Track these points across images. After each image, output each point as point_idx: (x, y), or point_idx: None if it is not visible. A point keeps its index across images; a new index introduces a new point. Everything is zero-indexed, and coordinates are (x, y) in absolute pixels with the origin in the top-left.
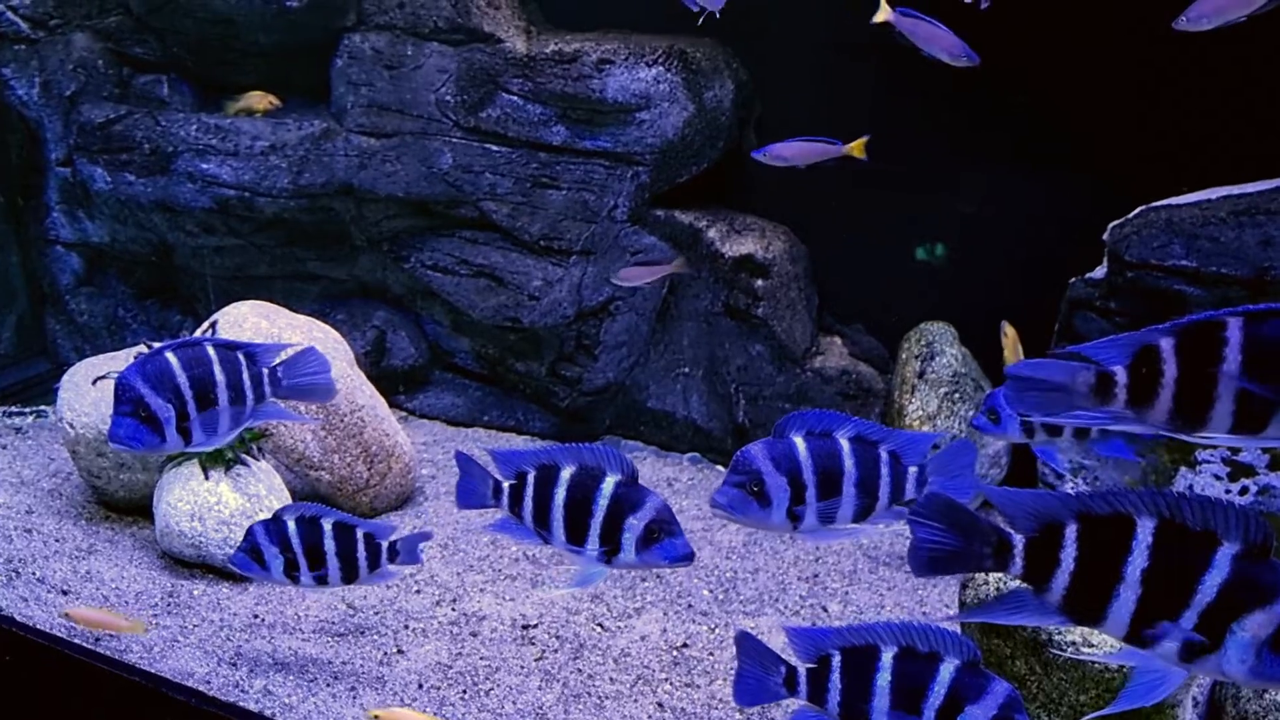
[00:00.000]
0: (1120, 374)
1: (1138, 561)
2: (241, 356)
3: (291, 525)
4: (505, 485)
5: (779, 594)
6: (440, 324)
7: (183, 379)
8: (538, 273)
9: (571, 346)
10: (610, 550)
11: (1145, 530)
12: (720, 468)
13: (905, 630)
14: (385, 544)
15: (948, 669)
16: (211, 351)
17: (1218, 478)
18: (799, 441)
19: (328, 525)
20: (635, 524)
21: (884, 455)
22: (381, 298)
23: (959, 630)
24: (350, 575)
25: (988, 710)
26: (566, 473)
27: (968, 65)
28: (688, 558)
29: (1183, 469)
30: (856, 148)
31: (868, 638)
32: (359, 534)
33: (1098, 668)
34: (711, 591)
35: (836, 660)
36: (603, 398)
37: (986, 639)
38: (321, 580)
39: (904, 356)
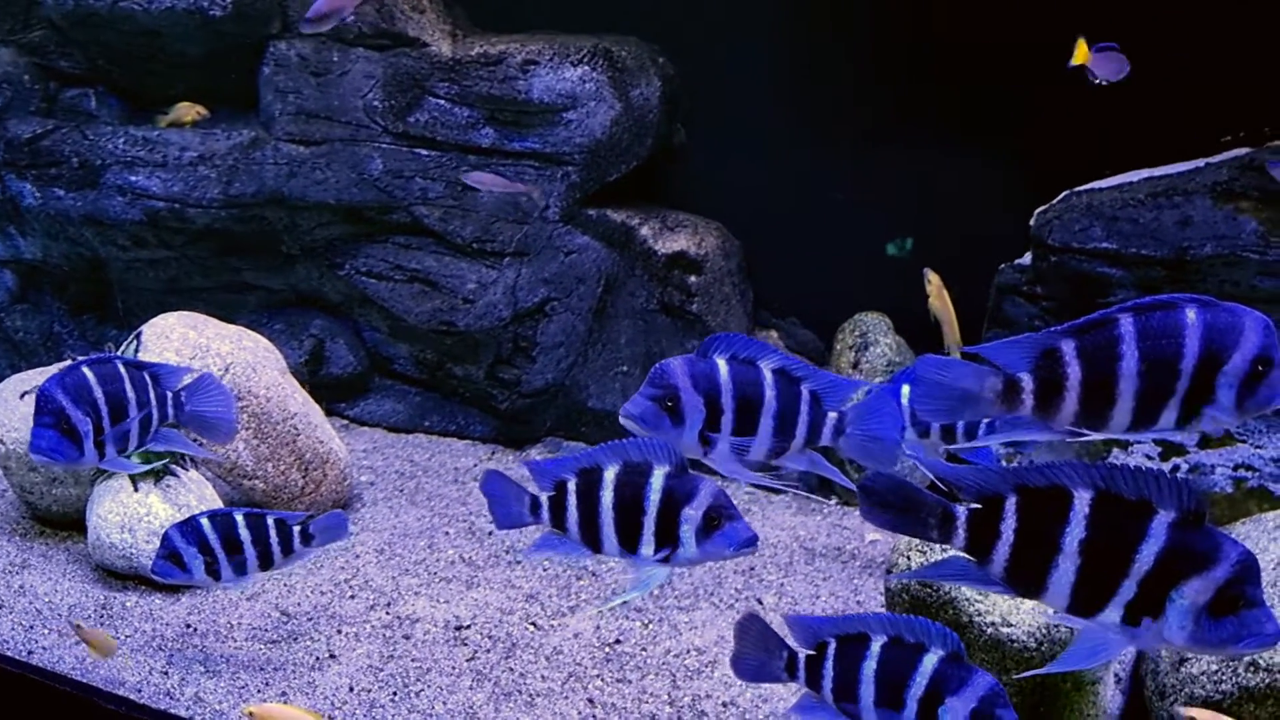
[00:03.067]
0: (1026, 380)
1: (1075, 533)
2: (148, 377)
3: (206, 523)
4: (544, 498)
5: (715, 588)
6: (378, 331)
7: (99, 394)
8: (472, 276)
9: (509, 349)
10: (669, 548)
11: (1082, 502)
12: None
13: (895, 620)
14: (296, 528)
15: (930, 660)
16: (122, 369)
17: (1149, 458)
18: (721, 363)
19: (240, 517)
20: (693, 514)
21: (805, 394)
22: (318, 306)
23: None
24: (266, 562)
25: (968, 702)
26: (610, 473)
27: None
28: (752, 541)
29: (1115, 450)
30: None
31: (860, 627)
32: (270, 521)
33: (1017, 647)
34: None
35: (832, 648)
36: (542, 399)
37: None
38: (241, 569)
39: (839, 348)
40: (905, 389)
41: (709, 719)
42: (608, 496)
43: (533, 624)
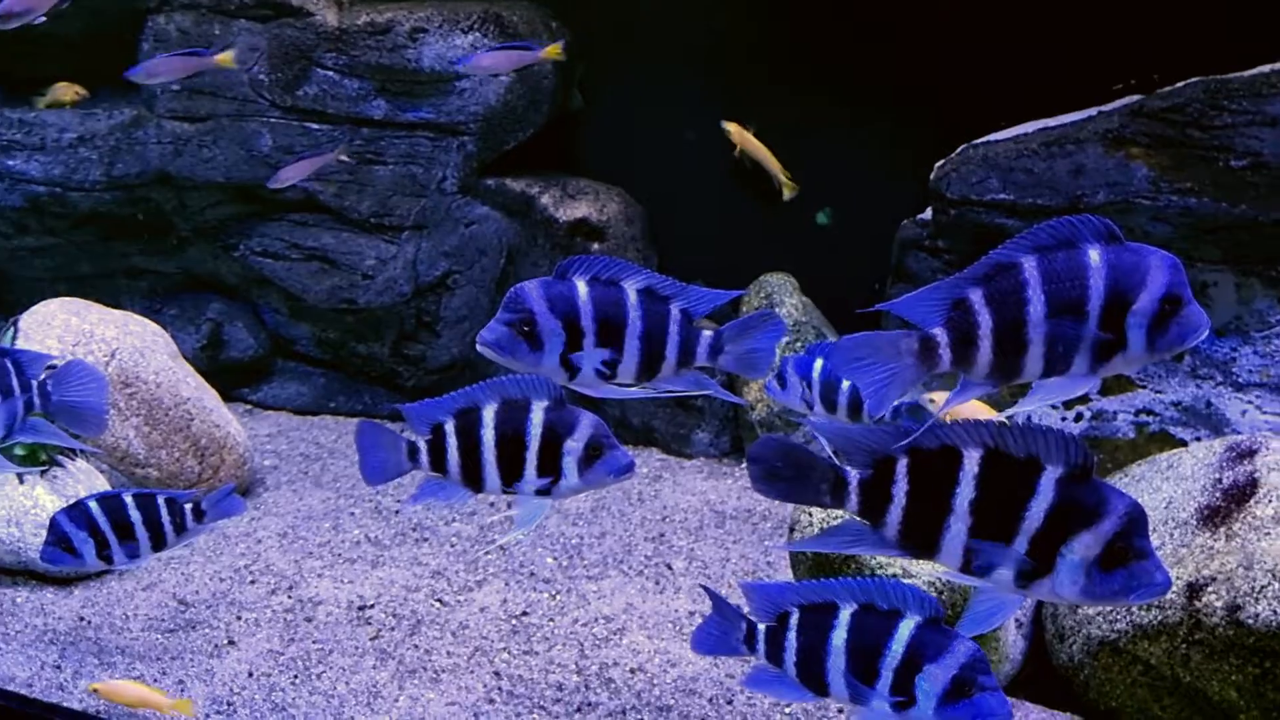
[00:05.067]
0: (941, 335)
1: (965, 492)
2: (9, 364)
3: (94, 506)
4: (422, 443)
5: (624, 555)
6: (278, 312)
7: None
8: (370, 251)
9: (412, 324)
10: (551, 480)
11: (971, 461)
12: None
13: (865, 587)
14: (188, 506)
15: (907, 626)
16: None
17: (1054, 407)
18: (580, 285)
19: (129, 498)
20: (575, 446)
21: (675, 313)
22: (214, 289)
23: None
24: (159, 542)
25: (947, 670)
26: (489, 411)
27: None
28: (631, 467)
29: (1020, 400)
30: (552, 51)
31: (827, 595)
32: (160, 500)
33: None
34: (556, 559)
35: (795, 618)
36: (450, 374)
37: (818, 579)
38: (134, 555)
39: (745, 309)
40: (818, 363)
41: (616, 686)
42: (488, 435)
43: (439, 600)
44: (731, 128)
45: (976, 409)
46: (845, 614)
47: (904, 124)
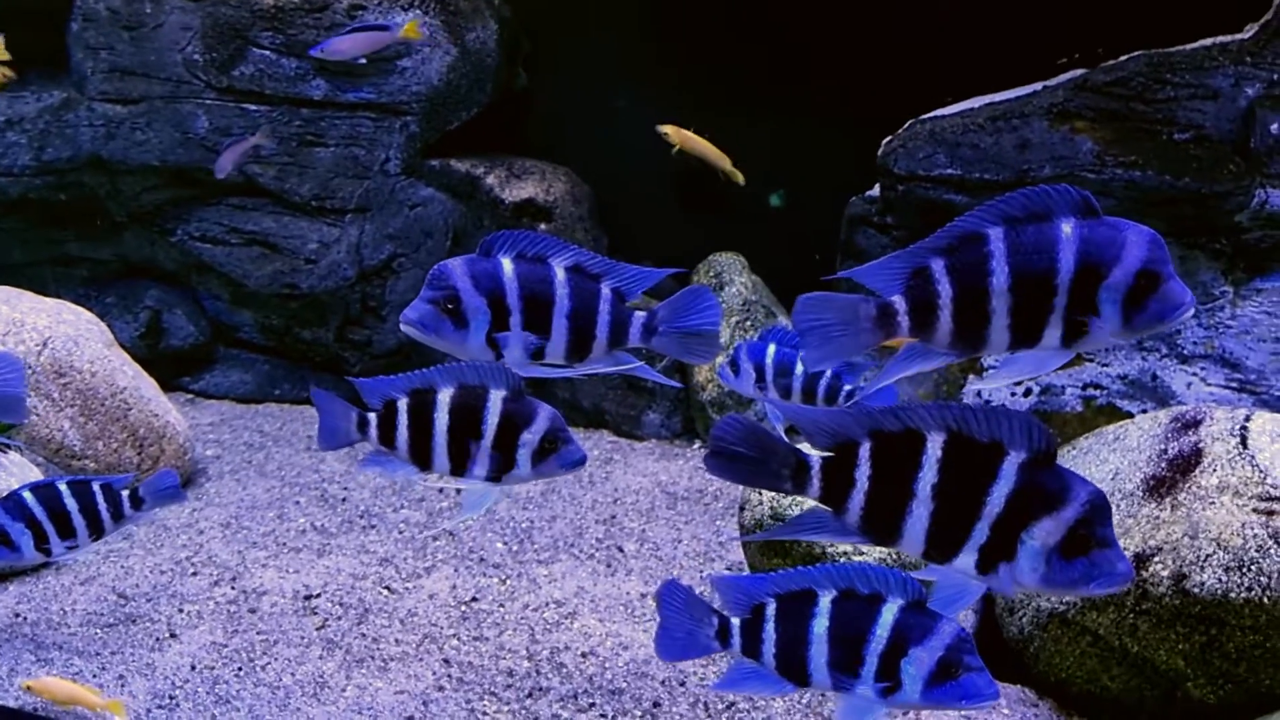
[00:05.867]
0: (899, 302)
1: (928, 477)
2: None
3: (29, 496)
4: (371, 416)
5: (575, 539)
6: (219, 298)
7: None
8: (313, 235)
9: (357, 309)
10: (504, 468)
11: (935, 445)
12: None
13: (844, 573)
14: (125, 492)
15: (890, 610)
16: None
17: None
18: (506, 262)
19: (64, 486)
20: (530, 439)
21: (606, 292)
22: (152, 276)
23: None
24: (97, 530)
25: (934, 652)
26: (445, 394)
27: None
28: (583, 461)
29: (971, 376)
30: (410, 28)
31: (804, 582)
32: (96, 487)
33: None
34: (506, 544)
35: (772, 609)
36: (396, 359)
37: (766, 559)
38: (73, 546)
39: None
40: (771, 348)
41: (568, 670)
42: (443, 417)
43: (386, 588)
44: (668, 130)
45: None
46: (825, 601)
47: (852, 101)
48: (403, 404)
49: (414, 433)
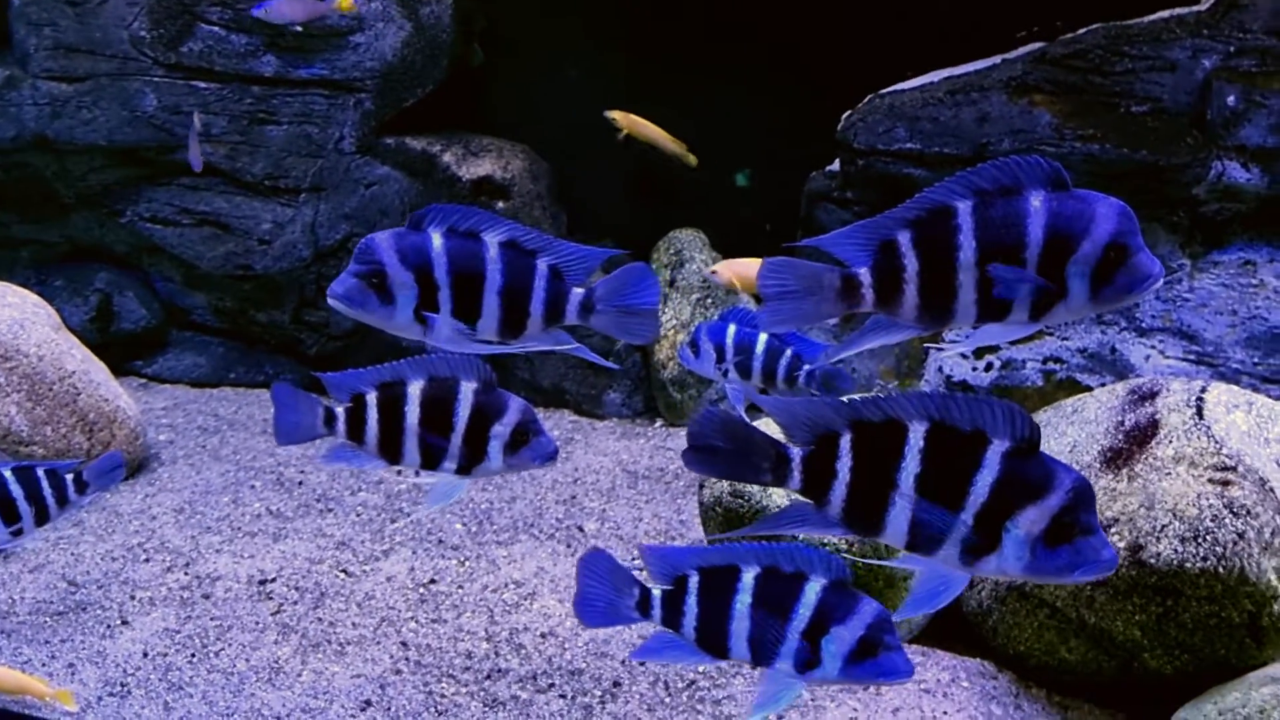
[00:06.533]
0: (865, 275)
1: (910, 468)
2: None
3: None
4: (340, 410)
5: (535, 519)
6: (171, 280)
7: None
8: (266, 215)
9: (313, 290)
10: (474, 460)
11: (917, 435)
12: None
13: (769, 550)
14: (69, 476)
15: (813, 589)
16: None
17: (964, 356)
18: (435, 236)
19: (7, 473)
20: (502, 431)
21: (542, 268)
22: (102, 258)
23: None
24: (42, 517)
25: (854, 631)
26: (415, 388)
27: None
28: (555, 454)
29: (931, 349)
30: (344, 1)
31: (728, 558)
32: (40, 472)
33: (828, 549)
34: (465, 525)
35: (694, 581)
36: (354, 340)
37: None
38: (17, 532)
39: (654, 266)
40: (731, 329)
41: (527, 651)
42: (414, 411)
43: (344, 571)
44: (616, 115)
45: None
46: (749, 577)
47: (813, 77)
48: (372, 398)
49: (384, 426)
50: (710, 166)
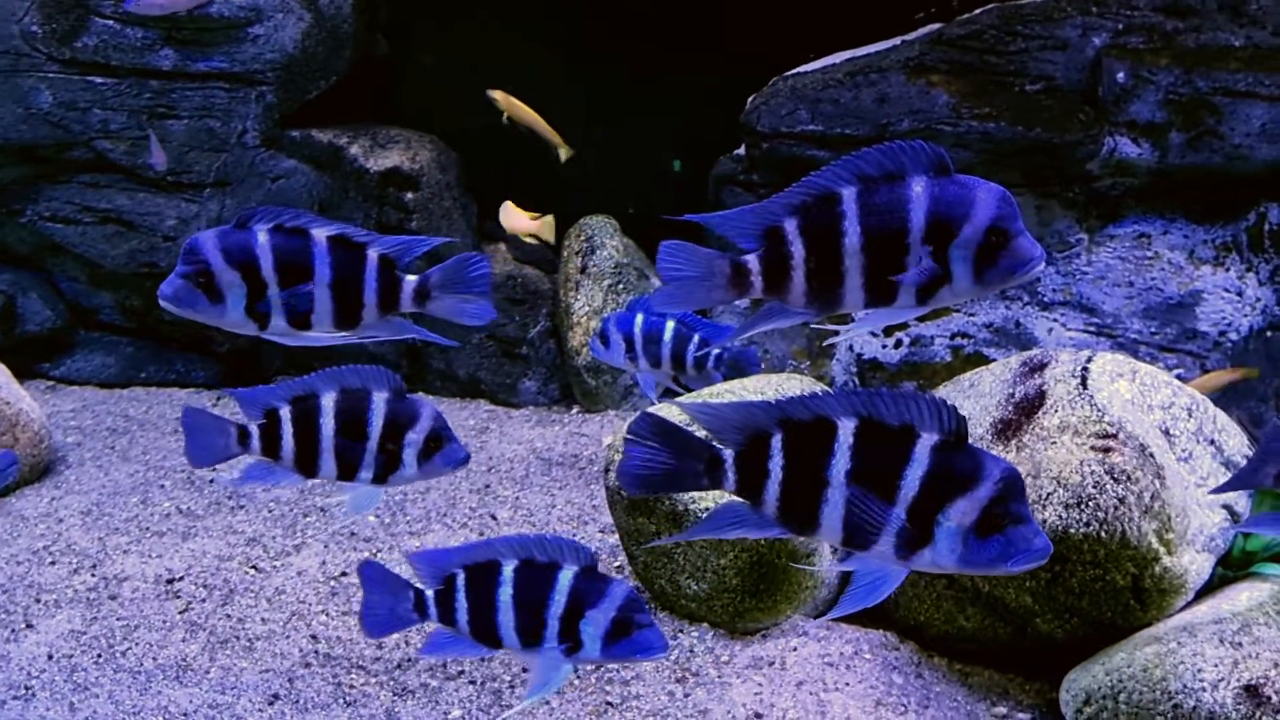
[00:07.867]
0: (752, 262)
1: (841, 464)
2: None
3: None
4: (254, 427)
5: (448, 509)
6: (76, 280)
7: None
8: (170, 211)
9: None
10: (389, 469)
11: (846, 431)
12: None
13: (524, 543)
14: None
15: (566, 576)
16: None
17: (874, 334)
18: (261, 234)
19: None
20: (415, 438)
21: (372, 258)
22: (3, 259)
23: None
24: None
25: (608, 613)
26: (329, 399)
27: None
28: (466, 460)
29: (841, 329)
30: None
31: (489, 554)
32: None
33: None
34: (378, 517)
35: (461, 579)
36: (263, 339)
37: (633, 519)
38: None
39: (566, 253)
40: (639, 318)
41: None
42: (328, 423)
43: (253, 567)
44: (497, 95)
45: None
46: (508, 570)
47: (720, 63)
48: (285, 412)
49: (299, 441)
50: (625, 154)
